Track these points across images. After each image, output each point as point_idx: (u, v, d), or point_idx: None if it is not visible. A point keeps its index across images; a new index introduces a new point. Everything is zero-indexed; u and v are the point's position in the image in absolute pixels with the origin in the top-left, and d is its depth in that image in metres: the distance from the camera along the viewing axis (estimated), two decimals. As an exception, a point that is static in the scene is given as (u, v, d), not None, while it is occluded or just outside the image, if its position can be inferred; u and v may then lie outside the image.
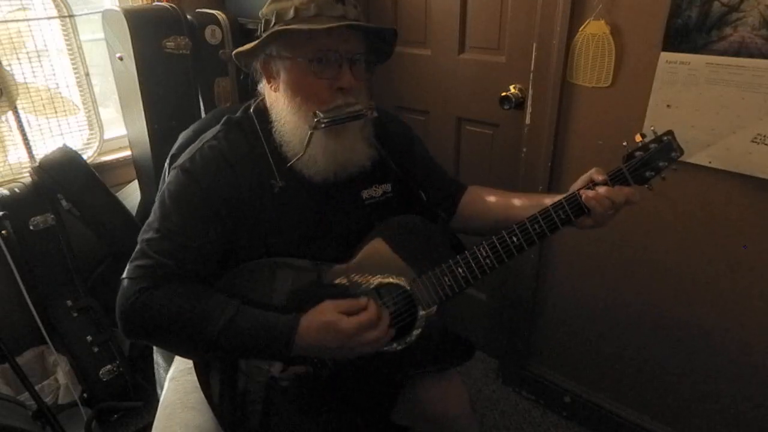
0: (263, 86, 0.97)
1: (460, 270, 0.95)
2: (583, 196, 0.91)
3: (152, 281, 0.85)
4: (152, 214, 0.90)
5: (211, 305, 0.86)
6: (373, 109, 0.93)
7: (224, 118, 0.98)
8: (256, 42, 0.89)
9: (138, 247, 0.88)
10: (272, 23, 0.89)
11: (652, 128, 0.95)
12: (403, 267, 0.97)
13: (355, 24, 0.86)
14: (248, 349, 0.89)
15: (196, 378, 1.02)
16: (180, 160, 0.93)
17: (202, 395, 1.01)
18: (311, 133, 0.88)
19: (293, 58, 0.89)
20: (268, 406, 0.95)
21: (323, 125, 0.87)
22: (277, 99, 0.94)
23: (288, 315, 0.88)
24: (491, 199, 1.11)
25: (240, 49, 0.94)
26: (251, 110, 0.98)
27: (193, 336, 0.87)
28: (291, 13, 0.87)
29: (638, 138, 0.94)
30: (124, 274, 0.87)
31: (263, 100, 0.99)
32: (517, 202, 1.05)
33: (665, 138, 0.93)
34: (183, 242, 0.87)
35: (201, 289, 0.89)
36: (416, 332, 0.97)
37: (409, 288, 0.96)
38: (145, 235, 0.89)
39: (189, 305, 0.85)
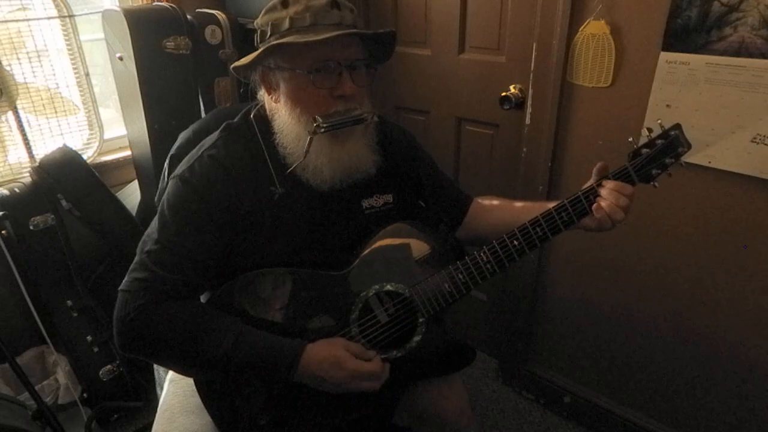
0: (263, 94, 0.96)
1: (461, 276, 0.94)
2: (594, 206, 0.89)
3: (152, 296, 0.84)
4: (151, 225, 0.90)
5: (213, 328, 0.85)
6: (374, 114, 0.92)
7: (223, 125, 0.96)
8: (253, 56, 0.88)
9: (137, 258, 0.88)
10: (268, 34, 0.88)
11: (659, 121, 0.91)
12: (424, 242, 0.96)
13: (352, 32, 0.85)
14: (248, 373, 0.89)
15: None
16: (179, 170, 0.92)
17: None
18: (310, 138, 0.87)
19: (292, 69, 0.87)
20: (272, 401, 0.95)
21: (322, 130, 0.86)
22: (277, 110, 0.93)
23: (293, 340, 0.88)
24: (496, 210, 1.10)
25: (237, 63, 0.93)
26: (251, 116, 0.97)
27: (191, 358, 0.87)
28: (286, 23, 0.85)
29: (645, 132, 0.90)
30: (123, 286, 0.86)
31: (263, 106, 0.98)
32: (522, 212, 1.03)
33: (672, 133, 0.90)
34: (182, 253, 0.86)
35: (202, 309, 0.88)
36: (416, 339, 0.96)
37: (408, 295, 0.95)
38: (144, 246, 0.88)
39: (190, 327, 0.85)
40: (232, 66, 0.94)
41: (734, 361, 1.34)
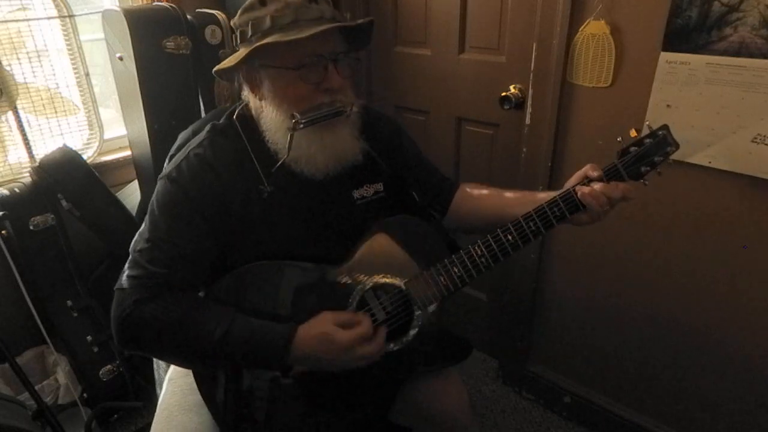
0: (247, 94, 0.96)
1: (456, 269, 0.95)
2: (579, 193, 0.90)
3: (145, 292, 0.85)
4: (143, 225, 0.91)
5: (206, 317, 0.86)
6: (353, 105, 0.93)
7: (209, 125, 0.97)
8: (239, 58, 0.88)
9: (130, 257, 0.89)
10: (249, 34, 0.88)
11: (647, 123, 0.94)
12: (408, 261, 0.96)
13: (337, 26, 0.85)
14: (244, 360, 0.89)
15: (194, 379, 1.02)
16: (167, 170, 0.93)
17: (200, 397, 1.01)
18: (291, 135, 0.88)
19: (278, 67, 0.88)
20: (273, 403, 0.95)
21: (301, 125, 0.87)
22: (263, 107, 0.93)
23: (284, 324, 0.88)
24: (484, 197, 1.11)
25: (220, 66, 0.93)
26: (235, 117, 0.97)
27: (188, 348, 0.87)
28: (267, 22, 0.86)
29: (633, 133, 0.93)
30: (118, 285, 0.87)
31: (247, 106, 0.98)
32: (511, 199, 1.05)
33: (660, 132, 0.92)
34: (173, 250, 0.87)
35: (196, 300, 0.89)
36: (413, 332, 0.97)
37: (404, 288, 0.96)
38: (136, 245, 0.89)
39: (184, 318, 0.85)
40: (215, 69, 0.94)
41: (735, 361, 1.34)
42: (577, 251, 1.55)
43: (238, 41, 0.91)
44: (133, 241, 0.90)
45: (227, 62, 0.92)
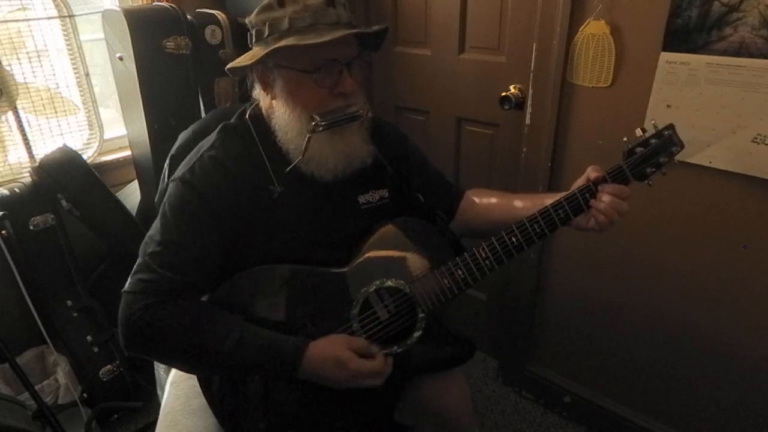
0: (258, 93, 0.97)
1: (460, 272, 0.95)
2: (593, 211, 0.91)
3: (156, 297, 0.84)
4: (153, 227, 0.90)
5: (216, 326, 0.86)
6: (368, 110, 0.94)
7: (220, 126, 0.97)
8: (257, 57, 0.88)
9: (140, 260, 0.88)
10: (265, 34, 0.88)
11: (653, 122, 0.94)
12: (415, 251, 0.97)
13: (356, 32, 0.86)
14: (251, 371, 0.90)
15: (196, 382, 1.02)
16: (179, 172, 0.93)
17: (204, 400, 1.01)
18: (309, 137, 0.89)
19: (293, 69, 0.88)
20: (270, 394, 0.95)
21: (320, 128, 0.88)
22: (275, 107, 0.94)
23: (295, 338, 0.89)
24: (490, 203, 1.11)
25: (235, 63, 0.93)
26: (247, 116, 0.98)
27: (197, 357, 0.87)
28: (285, 23, 0.86)
29: (639, 133, 0.93)
30: (127, 287, 0.87)
31: (258, 105, 0.98)
32: (517, 205, 1.05)
33: (666, 132, 0.92)
34: (185, 254, 0.87)
35: (206, 308, 0.89)
36: (416, 334, 0.97)
37: (408, 291, 0.96)
38: (147, 248, 0.88)
39: (194, 326, 0.85)
40: (228, 67, 0.95)
41: (735, 361, 1.34)
42: (577, 251, 1.55)
43: (254, 40, 0.92)
44: (143, 243, 0.89)
45: (242, 60, 0.92)
